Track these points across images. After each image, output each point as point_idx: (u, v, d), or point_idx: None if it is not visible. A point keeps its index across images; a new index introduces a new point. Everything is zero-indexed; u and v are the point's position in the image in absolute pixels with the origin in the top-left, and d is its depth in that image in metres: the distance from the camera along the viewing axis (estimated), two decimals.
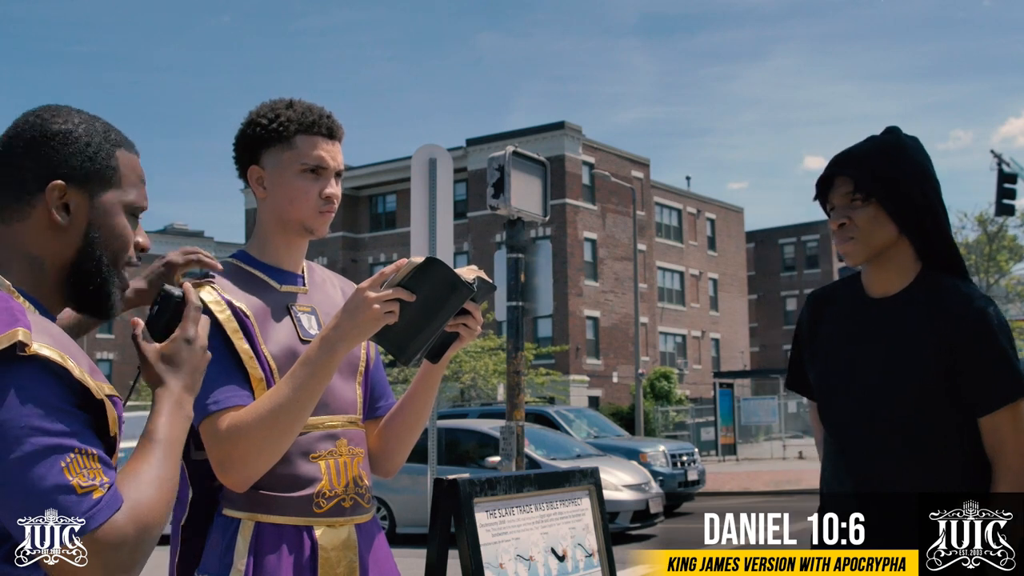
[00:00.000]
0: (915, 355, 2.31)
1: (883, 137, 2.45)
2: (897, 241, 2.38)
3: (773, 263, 65.82)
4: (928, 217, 2.38)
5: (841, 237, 2.41)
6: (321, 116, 2.21)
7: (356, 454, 2.21)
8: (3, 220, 1.53)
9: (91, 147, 1.55)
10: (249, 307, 2.13)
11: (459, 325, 2.18)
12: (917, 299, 2.37)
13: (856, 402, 2.39)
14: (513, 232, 7.68)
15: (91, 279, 1.55)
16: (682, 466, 17.37)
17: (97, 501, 1.35)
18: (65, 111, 1.58)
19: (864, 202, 2.37)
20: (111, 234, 1.57)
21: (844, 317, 2.48)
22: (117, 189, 1.58)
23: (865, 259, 2.41)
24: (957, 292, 2.33)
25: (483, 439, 14.21)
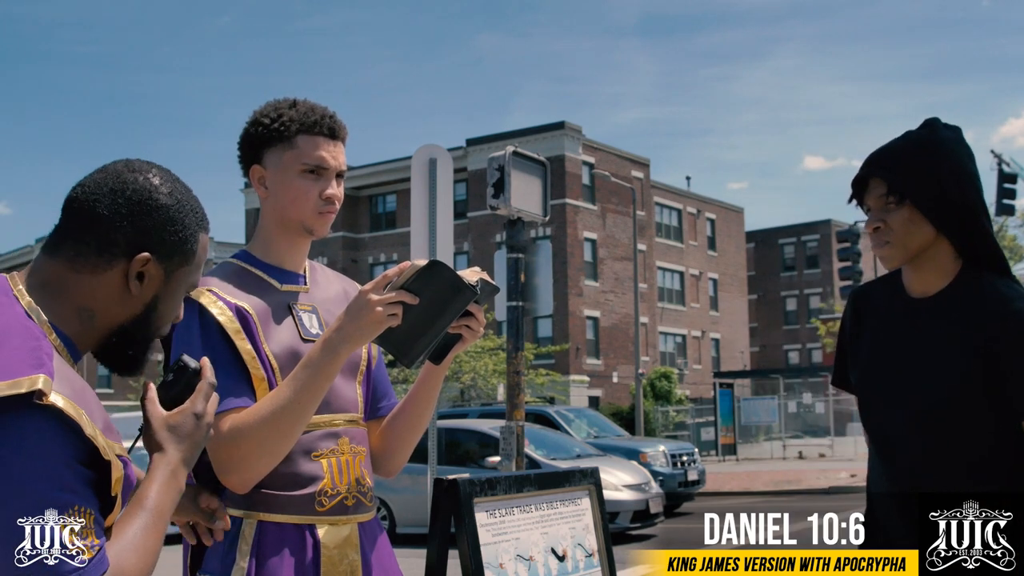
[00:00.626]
0: (954, 358, 2.27)
1: (919, 132, 2.38)
2: (935, 241, 2.32)
3: (773, 263, 65.82)
4: (966, 215, 2.31)
5: (877, 241, 2.35)
6: (323, 116, 2.21)
7: (358, 453, 2.22)
8: (75, 268, 1.53)
9: (185, 228, 1.58)
10: (251, 307, 2.13)
11: (462, 327, 2.18)
12: (957, 299, 2.32)
13: (892, 403, 2.36)
14: (513, 232, 7.69)
15: (136, 346, 1.58)
16: (682, 466, 17.36)
17: (84, 563, 1.37)
18: (171, 180, 1.60)
19: (898, 204, 2.31)
20: (169, 310, 1.61)
21: (884, 317, 2.44)
22: (189, 269, 1.61)
23: (902, 262, 2.35)
24: (996, 292, 2.28)
25: (483, 439, 14.21)
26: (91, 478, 1.42)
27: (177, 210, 1.56)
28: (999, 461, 2.25)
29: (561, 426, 17.87)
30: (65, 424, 1.39)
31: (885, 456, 2.38)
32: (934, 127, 2.40)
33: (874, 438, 2.42)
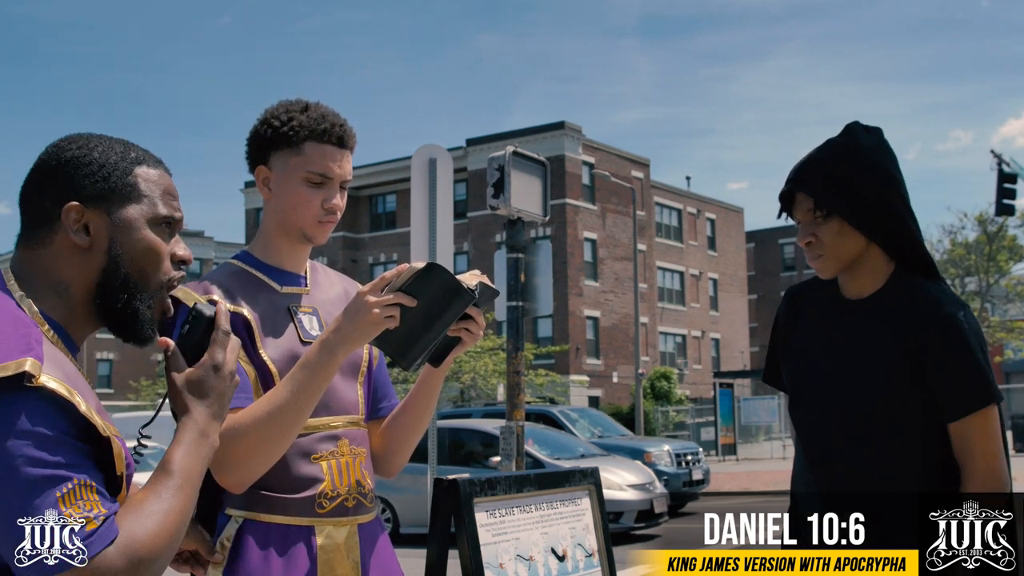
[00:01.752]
0: (882, 358, 2.31)
1: (838, 140, 2.42)
2: (867, 248, 2.37)
3: (773, 263, 65.81)
4: (892, 221, 2.36)
5: (810, 255, 2.40)
6: (333, 124, 2.19)
7: (358, 454, 2.21)
8: (30, 248, 1.56)
9: (106, 167, 1.56)
10: (249, 313, 2.12)
11: (461, 330, 2.18)
12: (888, 302, 2.36)
13: (821, 402, 2.40)
14: (513, 232, 7.69)
15: (117, 298, 1.56)
16: (687, 466, 17.29)
17: (90, 533, 1.35)
18: (83, 138, 1.60)
19: (826, 218, 2.36)
20: (135, 249, 1.56)
21: (818, 316, 2.48)
22: (138, 203, 1.58)
23: (836, 272, 2.41)
24: (927, 295, 2.32)
25: (486, 439, 14.18)
26: (89, 452, 1.41)
27: (91, 157, 1.56)
28: (928, 463, 2.28)
29: (565, 426, 17.82)
30: (57, 404, 1.38)
31: (812, 456, 2.43)
32: (854, 133, 2.43)
33: (802, 437, 2.46)
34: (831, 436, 2.38)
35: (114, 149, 1.60)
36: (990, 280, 40.29)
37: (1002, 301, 44.44)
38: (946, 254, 40.43)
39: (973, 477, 2.23)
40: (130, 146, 1.63)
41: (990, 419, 2.26)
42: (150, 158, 1.64)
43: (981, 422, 2.25)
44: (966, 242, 40.58)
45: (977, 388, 2.25)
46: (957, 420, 2.26)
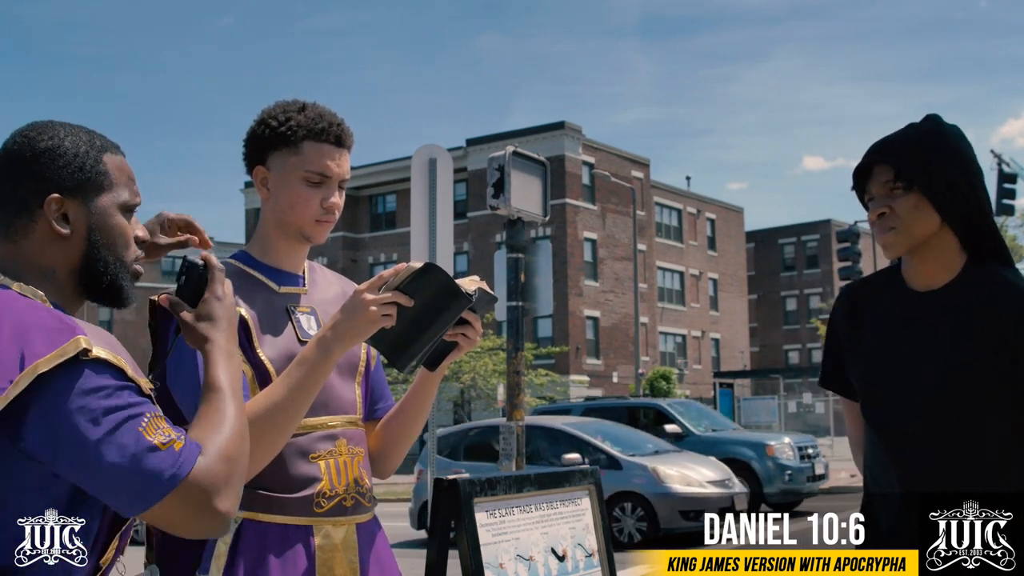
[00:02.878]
0: (969, 351, 2.24)
1: (923, 125, 2.36)
2: (940, 231, 2.29)
3: (773, 263, 65.80)
4: (973, 206, 2.29)
5: (882, 227, 2.31)
6: (331, 124, 2.19)
7: (356, 454, 2.21)
8: (10, 239, 1.63)
9: (79, 157, 1.65)
10: (247, 313, 2.13)
11: (458, 334, 2.18)
12: (966, 292, 2.28)
13: (908, 401, 2.31)
14: (513, 232, 7.69)
15: (101, 278, 1.66)
16: (808, 459, 16.09)
17: (180, 452, 1.48)
18: (50, 127, 1.67)
19: (905, 190, 2.28)
20: (111, 234, 1.67)
21: (888, 313, 2.39)
22: (110, 192, 1.68)
23: (906, 250, 2.32)
24: (1007, 283, 2.26)
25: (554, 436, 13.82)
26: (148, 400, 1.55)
27: (64, 148, 1.64)
28: (1017, 459, 2.22)
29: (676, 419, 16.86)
30: (110, 367, 1.51)
31: (894, 455, 2.33)
32: (937, 121, 2.38)
33: (881, 436, 2.36)
34: (917, 436, 2.29)
35: (82, 138, 1.68)
36: None
37: None
38: None
39: None
40: (94, 134, 1.71)
41: None
42: (111, 144, 1.73)
43: None
44: None
45: None
46: None
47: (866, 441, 2.45)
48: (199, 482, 1.48)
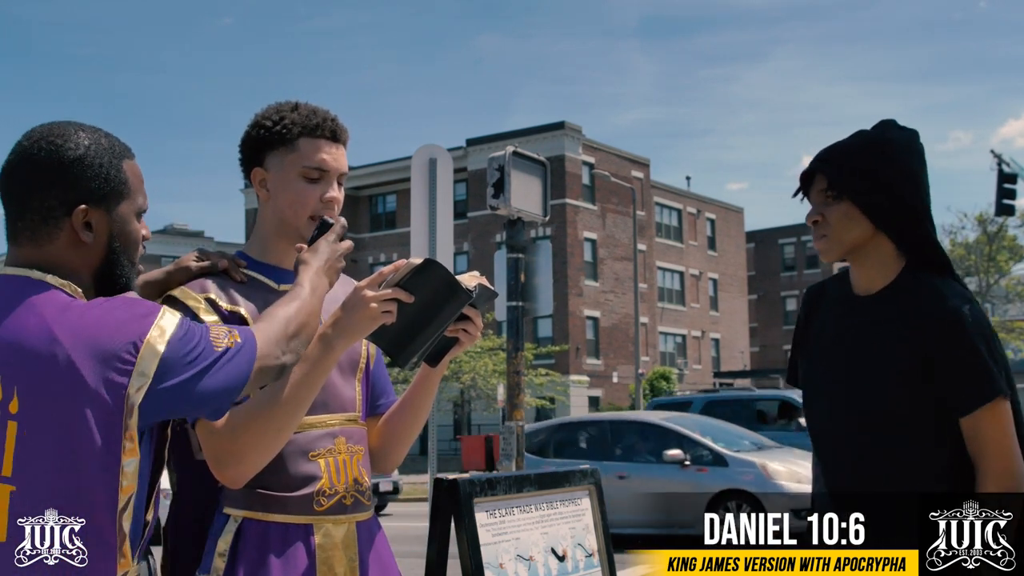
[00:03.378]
0: (888, 356, 2.29)
1: (869, 132, 2.42)
2: (873, 238, 2.35)
3: (773, 263, 65.81)
4: (905, 214, 2.34)
5: (815, 234, 2.40)
6: (325, 119, 2.21)
7: (355, 452, 2.22)
8: (36, 244, 1.68)
9: (104, 167, 1.70)
10: (247, 312, 2.13)
11: (459, 330, 2.19)
12: (895, 298, 2.34)
13: (831, 402, 2.39)
14: (513, 232, 7.69)
15: (117, 281, 1.75)
16: None
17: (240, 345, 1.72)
18: (72, 133, 1.70)
19: (836, 199, 2.35)
20: (128, 240, 1.75)
21: (831, 315, 2.47)
22: (128, 199, 1.74)
23: (838, 256, 2.39)
24: (932, 290, 2.30)
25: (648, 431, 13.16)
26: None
27: (91, 158, 1.69)
28: (937, 461, 2.26)
29: None
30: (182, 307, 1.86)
31: (822, 455, 2.43)
32: (886, 127, 2.43)
33: (812, 437, 2.46)
34: (841, 436, 2.37)
35: (102, 144, 1.72)
36: (990, 280, 40.30)
37: (1002, 301, 44.40)
38: None
39: (987, 475, 2.21)
40: (111, 139, 1.75)
41: (1000, 414, 2.22)
42: (127, 150, 1.78)
43: (991, 416, 2.22)
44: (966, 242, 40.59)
45: (981, 383, 2.22)
46: (966, 416, 2.23)
47: None
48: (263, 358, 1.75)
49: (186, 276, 2.17)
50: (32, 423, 1.50)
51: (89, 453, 1.50)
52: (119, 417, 1.52)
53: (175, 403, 1.62)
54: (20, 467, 1.49)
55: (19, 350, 1.53)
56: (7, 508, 1.49)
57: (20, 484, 1.49)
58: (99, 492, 1.51)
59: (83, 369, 1.51)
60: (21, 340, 1.53)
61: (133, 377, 1.54)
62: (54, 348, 1.52)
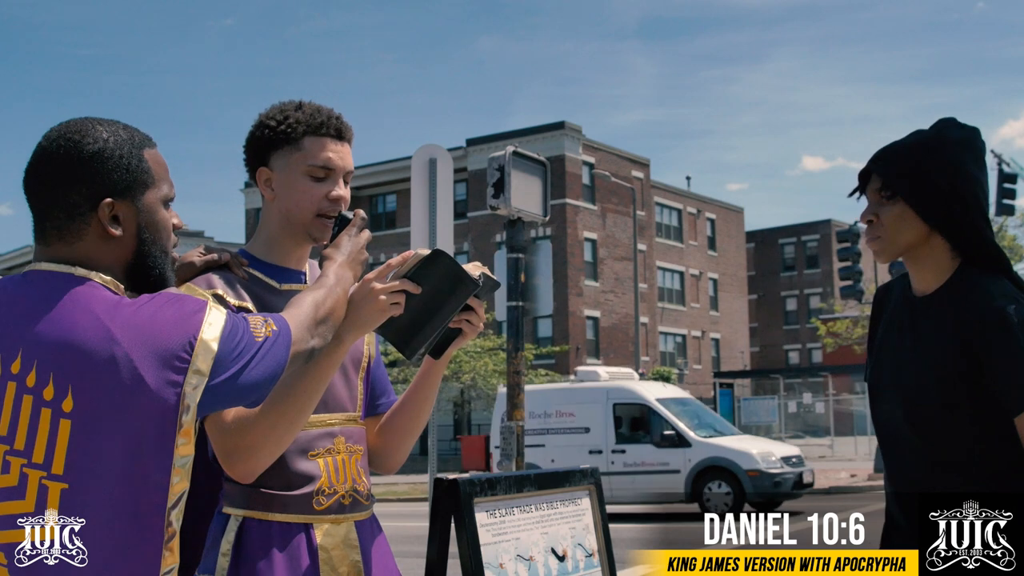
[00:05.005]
0: (941, 356, 2.28)
1: (925, 131, 2.40)
2: (928, 239, 2.34)
3: (773, 263, 65.78)
4: (959, 214, 2.32)
5: (869, 235, 2.38)
6: (330, 117, 2.21)
7: (355, 451, 2.22)
8: (65, 241, 1.67)
9: (125, 158, 1.69)
10: (254, 307, 2.13)
11: (462, 321, 2.20)
12: (947, 298, 2.33)
13: (890, 403, 2.38)
14: (513, 232, 7.68)
15: (151, 272, 1.74)
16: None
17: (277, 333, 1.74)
18: (90, 127, 1.69)
19: (890, 200, 2.33)
20: (157, 229, 1.74)
21: (891, 316, 2.47)
22: (153, 188, 1.73)
23: (892, 257, 2.38)
24: (980, 291, 2.29)
25: None
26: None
27: (111, 150, 1.68)
28: (986, 461, 2.25)
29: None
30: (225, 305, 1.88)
31: (885, 454, 2.42)
32: (943, 126, 2.40)
33: (877, 435, 2.45)
34: (898, 435, 2.36)
35: (122, 136, 1.71)
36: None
37: None
38: None
39: None
40: (130, 130, 1.75)
41: None
42: (147, 139, 1.77)
43: None
44: None
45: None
46: (1018, 415, 2.20)
47: None
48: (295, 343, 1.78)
49: (191, 272, 2.17)
50: (87, 421, 1.50)
51: (145, 451, 1.51)
52: (175, 415, 1.54)
53: (225, 397, 1.65)
54: (73, 465, 1.49)
55: (72, 348, 1.52)
56: (58, 505, 1.49)
57: (72, 482, 1.50)
58: (152, 490, 1.52)
59: (142, 368, 1.51)
60: (74, 338, 1.53)
61: (189, 375, 1.56)
62: (111, 347, 1.52)
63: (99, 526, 1.49)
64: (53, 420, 1.50)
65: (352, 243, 2.07)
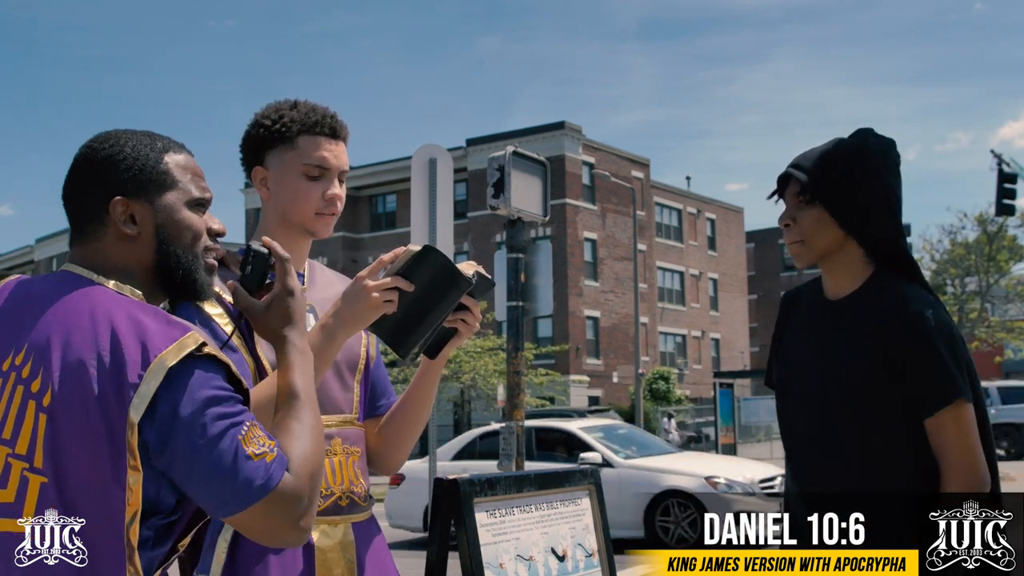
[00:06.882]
0: (852, 359, 2.33)
1: (846, 139, 2.44)
2: (844, 243, 2.38)
3: (773, 263, 65.77)
4: (871, 218, 2.37)
5: (788, 239, 2.43)
6: (324, 116, 2.21)
7: (351, 453, 2.21)
8: (85, 244, 1.69)
9: (139, 159, 1.69)
10: None
11: (457, 320, 2.19)
12: (861, 302, 2.38)
13: (799, 405, 2.44)
14: (513, 232, 7.68)
15: (175, 272, 1.71)
16: None
17: (271, 464, 1.53)
18: (113, 135, 1.72)
19: (808, 204, 2.38)
20: (178, 229, 1.71)
21: (803, 318, 2.51)
22: (174, 190, 1.71)
23: (809, 262, 2.43)
24: (896, 295, 2.33)
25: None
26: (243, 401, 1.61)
27: (125, 153, 1.69)
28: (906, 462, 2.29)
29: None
30: (219, 365, 1.58)
31: (789, 455, 2.48)
32: (863, 136, 2.45)
33: (784, 439, 2.50)
34: (805, 436, 2.42)
35: (142, 141, 1.72)
36: (990, 280, 40.22)
37: (1002, 301, 44.32)
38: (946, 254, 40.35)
39: (951, 473, 2.24)
40: (155, 136, 1.75)
41: (961, 416, 2.26)
42: (174, 144, 1.76)
43: (953, 417, 2.26)
44: (966, 242, 40.48)
45: (943, 385, 2.26)
46: (928, 417, 2.27)
47: None
48: (285, 496, 1.53)
49: None
50: (59, 420, 1.51)
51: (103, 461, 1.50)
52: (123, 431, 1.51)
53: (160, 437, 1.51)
54: (48, 460, 1.51)
55: (58, 346, 1.54)
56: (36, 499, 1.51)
57: (49, 477, 1.51)
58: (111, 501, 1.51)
59: (105, 374, 1.51)
60: (62, 336, 1.55)
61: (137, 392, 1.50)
62: (89, 350, 1.53)
63: None
64: (36, 414, 1.52)
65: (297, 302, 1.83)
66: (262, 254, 1.86)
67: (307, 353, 1.79)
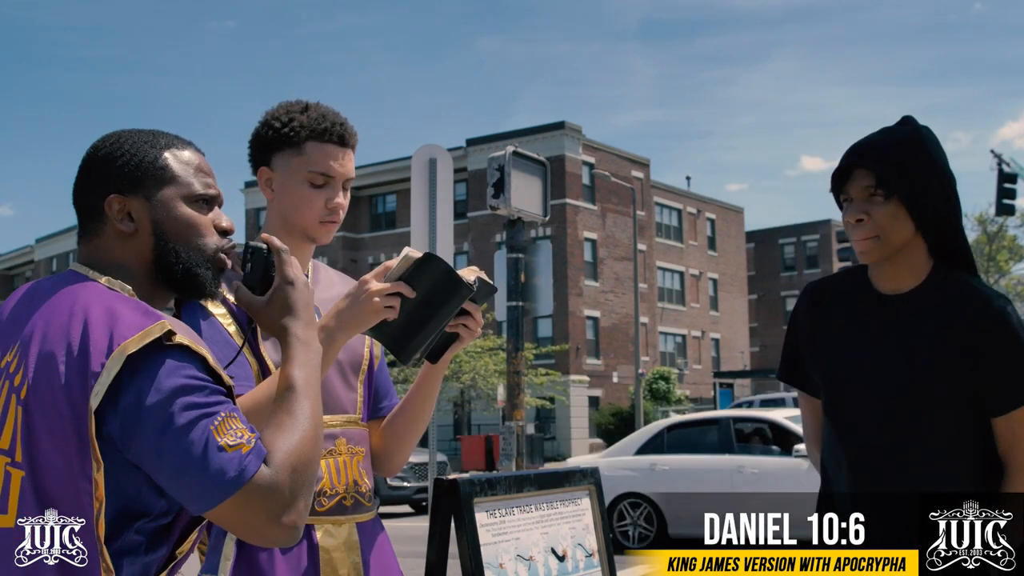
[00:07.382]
0: (936, 356, 2.27)
1: (901, 128, 2.37)
2: (913, 239, 2.31)
3: (773, 263, 65.77)
4: (947, 215, 2.31)
5: (860, 234, 2.31)
6: (334, 123, 2.19)
7: (356, 453, 2.22)
8: (87, 241, 1.70)
9: (136, 156, 1.68)
10: None
11: (459, 326, 2.18)
12: (934, 297, 2.32)
13: (873, 402, 2.33)
14: (513, 232, 7.69)
15: (174, 268, 1.68)
16: None
17: (246, 456, 1.47)
18: (114, 135, 1.73)
19: (885, 199, 2.28)
20: (177, 224, 1.68)
21: (853, 314, 2.41)
22: (172, 185, 1.69)
23: (882, 257, 2.33)
24: (975, 291, 2.29)
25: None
26: (223, 393, 1.55)
27: (122, 151, 1.69)
28: (966, 458, 2.27)
29: None
30: (192, 356, 1.53)
31: (853, 455, 2.37)
32: (913, 125, 2.38)
33: (842, 436, 2.40)
34: (880, 436, 2.32)
35: (143, 139, 1.71)
36: (990, 280, 40.27)
37: None
38: None
39: (1019, 472, 2.21)
40: (159, 134, 1.74)
41: None
42: (180, 142, 1.75)
43: None
44: None
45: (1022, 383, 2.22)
46: (1002, 415, 2.23)
47: (824, 438, 2.49)
48: (261, 489, 1.47)
49: None
50: (32, 411, 1.51)
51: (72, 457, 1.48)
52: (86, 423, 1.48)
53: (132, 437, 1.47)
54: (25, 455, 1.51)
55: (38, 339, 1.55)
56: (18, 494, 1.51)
57: (28, 472, 1.51)
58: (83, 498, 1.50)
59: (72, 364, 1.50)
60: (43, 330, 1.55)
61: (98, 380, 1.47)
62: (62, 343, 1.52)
63: None
64: (16, 407, 1.52)
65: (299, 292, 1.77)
66: (260, 250, 1.83)
67: (310, 343, 1.72)
